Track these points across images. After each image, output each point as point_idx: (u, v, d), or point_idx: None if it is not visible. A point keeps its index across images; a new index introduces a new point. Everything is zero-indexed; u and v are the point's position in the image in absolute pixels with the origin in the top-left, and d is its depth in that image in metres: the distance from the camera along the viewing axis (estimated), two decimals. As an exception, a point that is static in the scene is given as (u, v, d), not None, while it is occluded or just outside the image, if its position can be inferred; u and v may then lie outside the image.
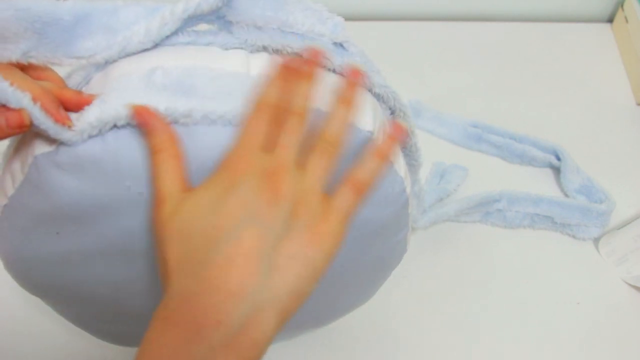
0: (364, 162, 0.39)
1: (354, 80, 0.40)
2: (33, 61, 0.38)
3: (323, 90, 0.40)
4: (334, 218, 0.38)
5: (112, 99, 0.37)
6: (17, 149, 0.40)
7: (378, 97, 0.44)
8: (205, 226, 0.36)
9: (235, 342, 0.35)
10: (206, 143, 0.38)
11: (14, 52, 0.37)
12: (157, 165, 0.37)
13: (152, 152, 0.37)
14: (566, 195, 0.76)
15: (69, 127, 0.36)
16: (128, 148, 0.38)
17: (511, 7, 0.97)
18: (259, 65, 0.40)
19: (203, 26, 0.41)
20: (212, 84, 0.38)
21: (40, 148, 0.38)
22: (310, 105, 0.39)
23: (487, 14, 0.97)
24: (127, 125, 0.37)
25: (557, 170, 0.78)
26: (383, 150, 0.40)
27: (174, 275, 0.36)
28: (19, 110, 0.35)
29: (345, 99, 0.40)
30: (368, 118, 0.42)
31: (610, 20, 0.98)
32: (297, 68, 0.39)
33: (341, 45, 0.41)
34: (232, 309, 0.34)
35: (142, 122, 0.37)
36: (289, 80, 0.39)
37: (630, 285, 0.70)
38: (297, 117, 0.38)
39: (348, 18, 0.42)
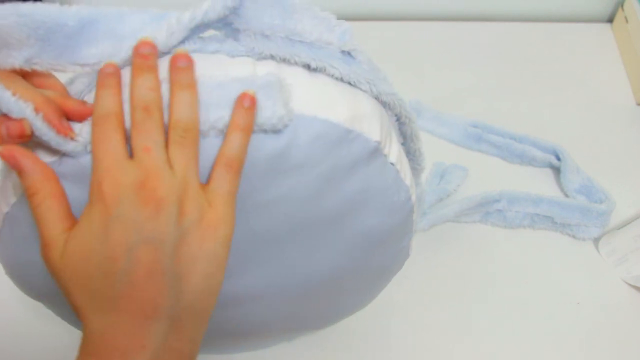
0: (229, 139, 0.37)
1: (181, 64, 0.38)
2: (36, 68, 0.37)
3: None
4: (219, 202, 0.37)
5: None
6: None
7: (385, 104, 0.44)
8: (99, 261, 0.34)
9: (164, 359, 0.35)
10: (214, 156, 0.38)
11: (16, 59, 0.36)
12: (34, 208, 0.36)
13: (27, 195, 0.36)
14: (566, 195, 0.76)
15: (71, 138, 0.36)
16: None
17: (511, 7, 0.97)
18: (265, 72, 0.39)
19: (209, 31, 0.41)
20: (218, 91, 0.38)
21: (43, 157, 0.37)
22: (156, 96, 0.37)
23: (487, 14, 0.97)
24: None
25: (557, 170, 0.78)
26: (241, 122, 0.37)
27: (88, 315, 0.36)
28: (20, 120, 0.35)
29: (181, 82, 0.37)
30: (375, 128, 0.41)
31: (610, 20, 0.98)
32: (113, 71, 0.37)
33: (349, 53, 0.41)
34: (152, 330, 0.35)
35: (12, 164, 0.35)
36: (115, 85, 0.37)
37: (630, 285, 0.70)
38: (145, 111, 0.36)
39: (349, 18, 0.41)
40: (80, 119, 0.37)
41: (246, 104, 0.37)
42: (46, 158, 0.37)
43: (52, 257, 0.36)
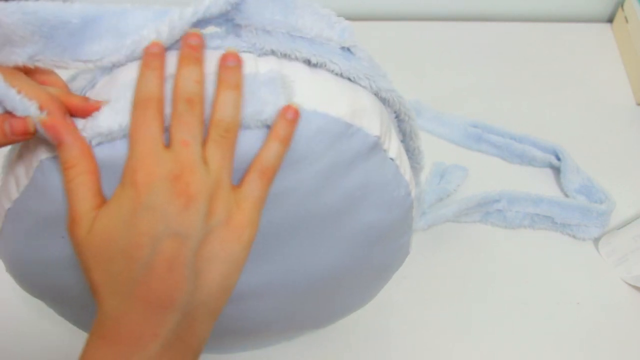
0: (266, 147, 0.38)
1: (231, 63, 0.38)
2: (39, 65, 0.38)
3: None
4: (247, 206, 0.37)
5: (124, 109, 0.37)
6: (21, 154, 0.40)
7: (384, 101, 0.44)
8: (124, 246, 0.35)
9: (172, 350, 0.36)
10: None
11: (20, 56, 0.37)
12: (68, 182, 0.36)
13: (63, 168, 0.36)
14: (566, 195, 0.76)
15: None
16: None
17: (511, 7, 0.97)
18: (268, 68, 0.39)
19: (210, 28, 0.41)
20: None
21: (46, 152, 0.38)
22: (200, 89, 0.37)
23: (487, 14, 0.97)
24: None
25: (557, 170, 0.78)
26: (281, 133, 0.38)
27: (104, 296, 0.36)
28: (24, 118, 0.35)
29: (229, 81, 0.37)
30: (375, 123, 0.41)
31: (610, 20, 0.98)
32: (159, 52, 0.37)
33: (349, 49, 0.41)
34: (166, 320, 0.35)
35: (52, 135, 0.35)
36: (159, 67, 0.37)
37: (630, 285, 0.70)
38: (188, 104, 0.36)
39: (349, 18, 0.41)
40: (84, 115, 0.37)
41: (289, 116, 0.37)
42: (49, 153, 0.38)
43: (78, 233, 0.36)
